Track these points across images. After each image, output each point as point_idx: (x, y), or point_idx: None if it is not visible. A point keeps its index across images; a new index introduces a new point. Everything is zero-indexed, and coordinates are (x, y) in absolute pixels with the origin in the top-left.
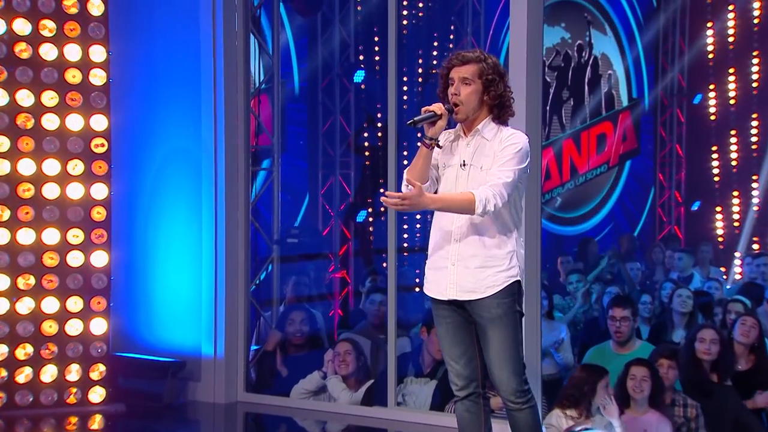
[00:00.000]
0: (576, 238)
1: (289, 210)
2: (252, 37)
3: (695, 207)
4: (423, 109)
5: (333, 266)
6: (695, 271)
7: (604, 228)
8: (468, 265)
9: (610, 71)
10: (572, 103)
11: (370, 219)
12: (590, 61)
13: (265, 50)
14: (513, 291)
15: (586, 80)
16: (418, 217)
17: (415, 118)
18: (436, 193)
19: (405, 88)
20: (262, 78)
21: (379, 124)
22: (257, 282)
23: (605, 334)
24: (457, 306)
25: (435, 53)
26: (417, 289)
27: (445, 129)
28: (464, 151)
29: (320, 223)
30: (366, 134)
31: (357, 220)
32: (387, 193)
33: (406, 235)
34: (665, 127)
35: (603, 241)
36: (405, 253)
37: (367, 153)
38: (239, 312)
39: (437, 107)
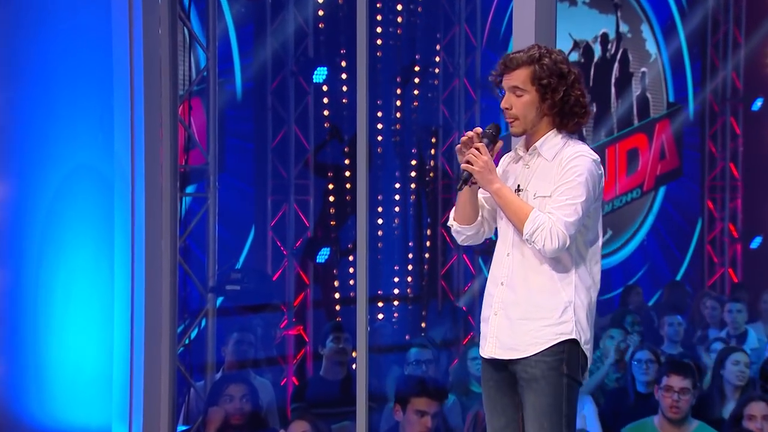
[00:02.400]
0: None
1: (229, 248)
2: (181, 23)
3: (755, 244)
4: (463, 161)
5: (286, 321)
6: (750, 328)
7: (635, 269)
8: (510, 315)
9: (643, 68)
10: (595, 109)
11: (335, 259)
12: (618, 56)
13: (198, 41)
14: (561, 350)
15: (613, 80)
16: (397, 256)
17: (463, 177)
18: (495, 235)
19: (380, 91)
20: (193, 77)
21: (346, 137)
22: (186, 342)
23: (637, 406)
24: (502, 366)
25: (418, 45)
26: (395, 350)
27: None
28: (522, 172)
29: (269, 264)
30: (329, 150)
31: (317, 261)
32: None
33: (381, 280)
34: (715, 141)
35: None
36: (380, 303)
37: (330, 174)
38: (162, 381)
39: (474, 158)
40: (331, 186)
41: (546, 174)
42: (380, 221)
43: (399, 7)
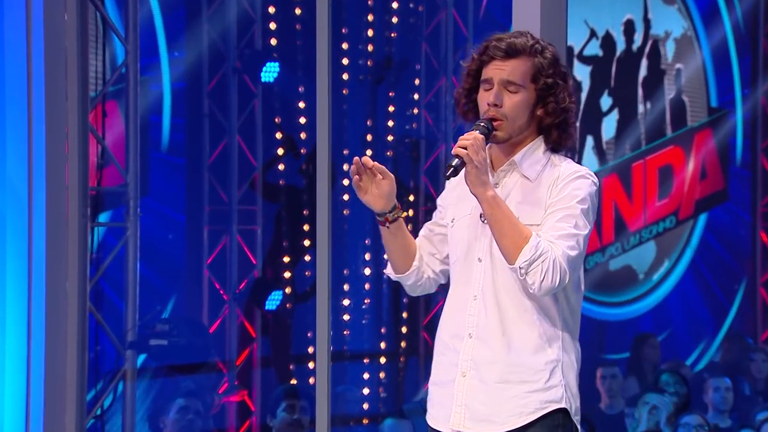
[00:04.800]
0: (625, 326)
1: (155, 291)
2: (93, 7)
3: None
4: (456, 146)
5: (226, 384)
6: None
7: (668, 317)
8: (484, 377)
9: (678, 65)
10: (617, 115)
11: (288, 305)
12: (646, 49)
13: (114, 29)
14: (554, 424)
15: (640, 80)
16: (367, 302)
17: (454, 165)
18: (447, 285)
19: (345, 92)
20: (108, 75)
21: (304, 151)
22: (98, 412)
23: None
24: None
25: (394, 35)
26: (365, 421)
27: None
28: None
29: (206, 312)
30: (282, 166)
31: (267, 308)
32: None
33: (347, 332)
34: None
35: (672, 341)
36: (346, 361)
37: (283, 197)
38: None
39: (471, 143)
40: (284, 213)
41: (529, 197)
42: (346, 257)
43: None
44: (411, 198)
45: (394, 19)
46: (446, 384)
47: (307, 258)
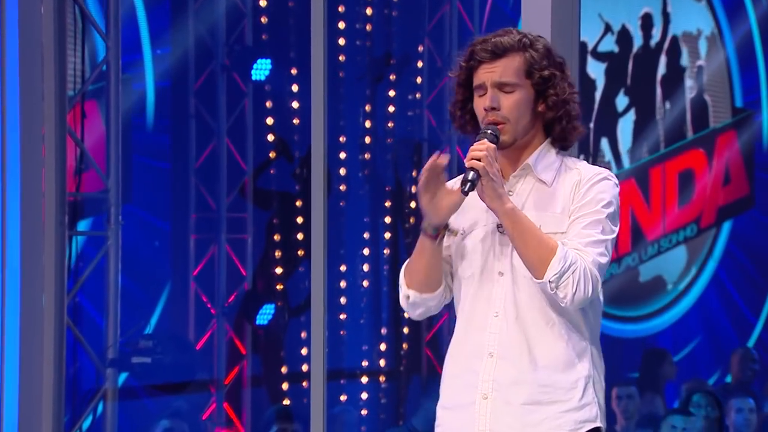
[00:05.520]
0: (641, 342)
1: (137, 305)
2: (71, 0)
3: None
4: (469, 159)
5: (214, 404)
6: None
7: (689, 333)
8: (510, 399)
9: (700, 62)
10: (634, 116)
11: (281, 320)
12: (665, 45)
13: (95, 24)
14: None
15: (659, 77)
16: (365, 316)
17: (471, 179)
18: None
19: (342, 91)
20: (88, 73)
21: (297, 155)
22: None
23: None
24: None
25: (394, 30)
26: None
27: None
28: None
29: (192, 328)
30: (274, 171)
31: (257, 323)
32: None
33: (344, 348)
34: None
35: (691, 360)
36: (342, 380)
37: (275, 204)
38: None
39: (485, 153)
40: (276, 220)
41: (549, 203)
42: (343, 268)
43: None
44: (413, 205)
45: (394, 13)
46: (463, 407)
47: (301, 269)
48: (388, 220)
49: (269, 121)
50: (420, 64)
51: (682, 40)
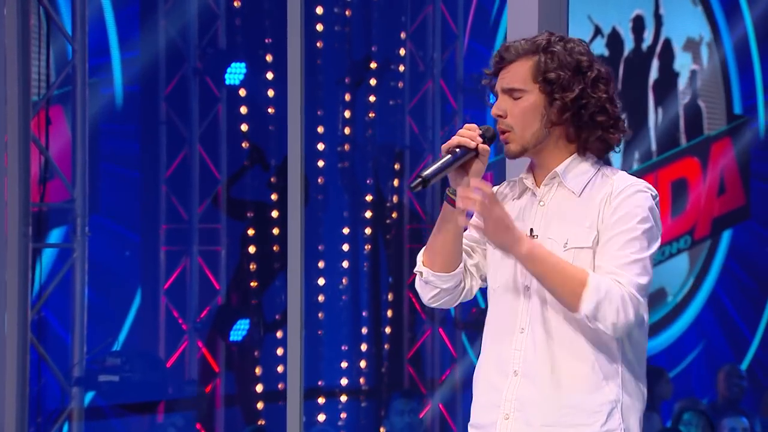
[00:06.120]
0: None
1: (104, 320)
2: (35, 1)
3: None
4: (444, 146)
5: (186, 425)
6: None
7: (685, 350)
8: (530, 419)
9: (694, 66)
10: (626, 123)
11: (256, 336)
12: (658, 48)
13: (60, 26)
14: None
15: (651, 82)
16: (344, 332)
17: (427, 172)
18: (483, 299)
19: (320, 96)
20: (53, 77)
21: (273, 163)
22: None
23: None
24: None
25: (375, 32)
26: None
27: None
28: (534, 212)
29: (162, 344)
30: (248, 180)
31: (231, 339)
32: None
33: (322, 366)
34: None
35: (685, 377)
36: (320, 399)
37: (250, 214)
38: None
39: (468, 136)
40: (251, 231)
41: (577, 215)
42: (321, 282)
43: None
44: (394, 215)
45: (375, 15)
46: (487, 427)
47: (277, 283)
48: (368, 231)
49: (244, 127)
50: (401, 68)
51: (674, 44)
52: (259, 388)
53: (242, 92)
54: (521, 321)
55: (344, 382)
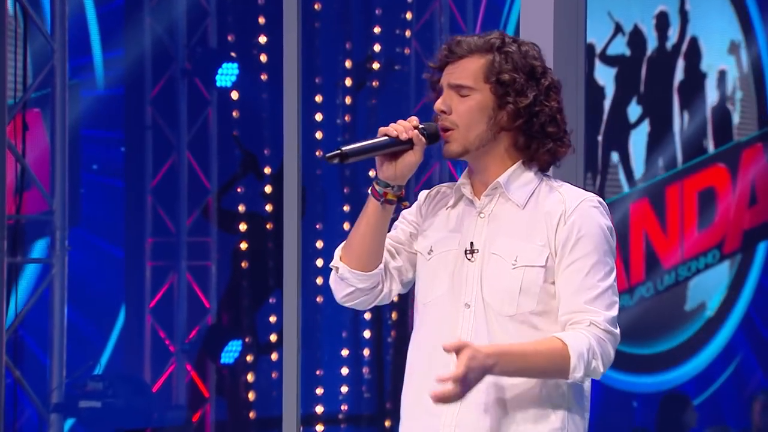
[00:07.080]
0: (658, 397)
1: (86, 342)
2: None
3: None
4: (382, 129)
5: None
6: None
7: (714, 375)
8: None
9: (722, 66)
10: (648, 127)
11: (249, 358)
12: (683, 47)
13: (38, 24)
14: None
15: (676, 83)
16: (345, 354)
17: (348, 147)
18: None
19: (319, 99)
20: (31, 80)
21: (267, 170)
22: None
23: None
24: None
25: (377, 30)
26: None
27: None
28: (473, 224)
29: (148, 367)
30: (241, 190)
31: (222, 362)
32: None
33: (320, 390)
34: None
35: (711, 405)
36: (319, 426)
37: (243, 226)
38: None
39: (404, 127)
40: (243, 245)
41: (524, 230)
42: (320, 300)
43: None
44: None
45: (378, 11)
46: None
47: (272, 301)
48: None
49: (236, 133)
50: (403, 68)
51: (702, 42)
52: (251, 414)
53: (234, 95)
54: (463, 339)
55: (344, 408)
